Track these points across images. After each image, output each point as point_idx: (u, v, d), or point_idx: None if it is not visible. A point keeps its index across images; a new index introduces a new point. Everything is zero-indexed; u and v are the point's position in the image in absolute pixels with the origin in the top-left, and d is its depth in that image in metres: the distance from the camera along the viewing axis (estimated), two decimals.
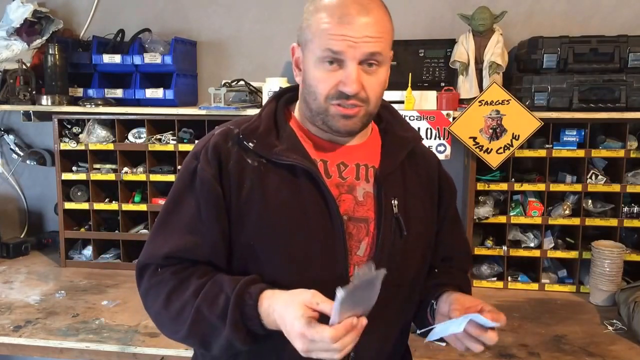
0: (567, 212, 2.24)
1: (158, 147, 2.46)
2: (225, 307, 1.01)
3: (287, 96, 1.21)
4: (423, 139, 2.19)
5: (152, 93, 2.48)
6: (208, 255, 1.10)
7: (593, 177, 2.20)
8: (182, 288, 1.07)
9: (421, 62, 2.39)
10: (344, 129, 1.08)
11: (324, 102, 1.07)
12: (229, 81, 2.45)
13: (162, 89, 2.47)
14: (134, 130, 2.51)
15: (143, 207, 2.52)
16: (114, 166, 2.54)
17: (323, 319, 0.94)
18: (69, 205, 2.57)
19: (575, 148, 2.19)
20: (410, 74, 2.25)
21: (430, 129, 2.21)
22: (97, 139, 2.49)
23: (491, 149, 2.17)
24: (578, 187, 2.21)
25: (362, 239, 1.13)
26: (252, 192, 1.08)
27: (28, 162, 2.85)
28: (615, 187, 2.19)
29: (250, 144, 1.11)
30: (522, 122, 2.13)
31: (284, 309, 0.97)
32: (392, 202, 1.14)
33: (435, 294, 1.21)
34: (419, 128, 2.21)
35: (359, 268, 1.11)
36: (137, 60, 2.47)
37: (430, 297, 1.22)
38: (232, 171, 1.09)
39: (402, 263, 1.15)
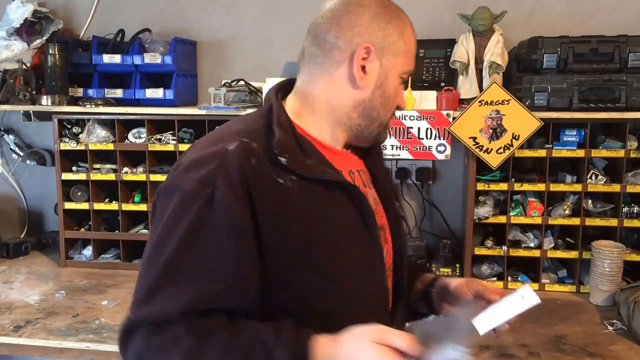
0: (567, 212, 2.24)
1: (158, 147, 2.46)
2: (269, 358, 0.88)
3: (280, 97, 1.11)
4: (422, 138, 2.21)
5: (152, 93, 2.48)
6: (239, 300, 0.93)
7: (593, 177, 2.20)
8: (205, 347, 0.89)
9: (421, 62, 2.39)
10: (385, 139, 1.14)
11: (393, 114, 1.09)
12: (229, 81, 2.45)
13: (162, 89, 2.47)
14: (134, 130, 2.51)
15: (143, 207, 2.52)
16: (114, 166, 2.54)
17: None
18: (69, 205, 2.57)
19: (575, 148, 2.19)
20: None
21: (430, 129, 2.21)
22: (97, 139, 2.49)
23: (491, 149, 2.17)
24: (578, 187, 2.20)
25: (384, 246, 1.10)
26: (289, 216, 0.95)
27: (28, 162, 2.85)
28: (615, 187, 2.19)
29: (282, 159, 0.96)
30: (522, 122, 2.13)
31: (356, 355, 0.87)
32: (396, 204, 1.14)
33: (420, 280, 1.23)
34: (419, 128, 2.21)
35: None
36: (137, 60, 2.47)
37: (417, 284, 1.22)
38: (264, 194, 0.94)
39: (406, 262, 1.17)
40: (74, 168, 2.60)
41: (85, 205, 2.56)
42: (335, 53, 1.02)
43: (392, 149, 2.25)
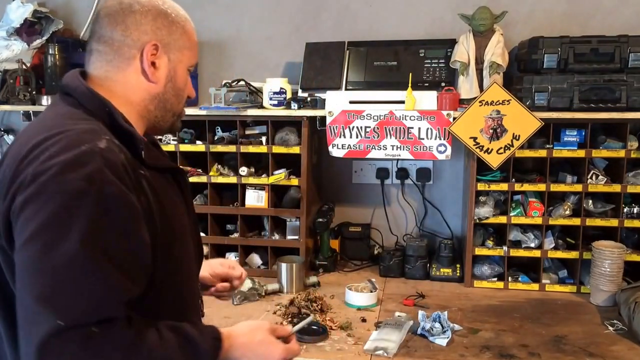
0: (567, 212, 2.23)
1: None
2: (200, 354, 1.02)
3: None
4: (423, 138, 2.21)
5: None
6: (144, 285, 0.99)
7: (593, 177, 2.20)
8: (141, 345, 0.93)
9: (421, 62, 2.39)
10: (179, 129, 1.27)
11: (184, 105, 1.20)
12: (229, 81, 2.45)
13: None
14: None
15: None
16: None
17: None
18: None
19: (575, 148, 2.19)
20: (410, 74, 2.24)
21: (431, 129, 2.20)
22: None
23: (491, 149, 2.17)
24: (578, 188, 2.20)
25: None
26: (156, 202, 1.04)
27: None
28: (616, 188, 2.18)
29: (143, 153, 1.06)
30: (523, 122, 2.13)
31: (258, 346, 1.12)
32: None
33: None
34: (419, 128, 2.21)
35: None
36: None
37: None
38: (139, 185, 1.01)
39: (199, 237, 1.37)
40: None
41: None
42: (124, 50, 1.09)
43: (392, 149, 2.25)
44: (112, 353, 0.89)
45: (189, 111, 2.41)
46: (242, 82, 2.45)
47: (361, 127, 2.25)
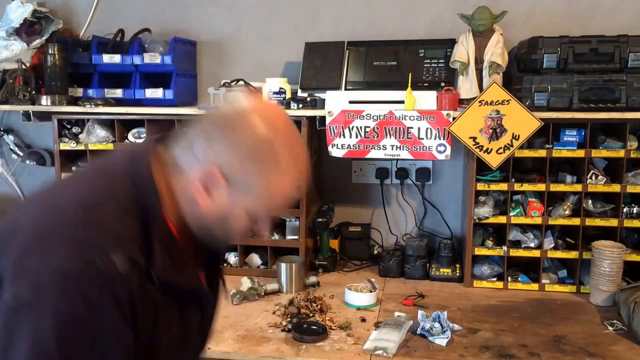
0: (567, 212, 2.23)
1: None
2: None
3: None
4: (422, 138, 2.20)
5: (151, 93, 2.48)
6: None
7: (593, 177, 2.20)
8: None
9: (421, 62, 2.39)
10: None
11: (233, 235, 1.04)
12: (229, 81, 2.45)
13: (161, 88, 2.47)
14: (134, 130, 2.51)
15: None
16: None
17: None
18: None
19: (575, 148, 2.19)
20: (410, 74, 2.24)
21: (430, 129, 2.20)
22: (96, 139, 2.49)
23: (491, 149, 2.17)
24: (578, 187, 2.20)
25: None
26: (156, 327, 0.96)
27: (27, 162, 2.85)
28: (616, 187, 2.18)
29: (157, 280, 0.93)
30: (522, 122, 2.13)
31: None
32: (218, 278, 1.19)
33: None
34: (419, 128, 2.21)
35: None
36: (136, 60, 2.47)
37: None
38: (144, 313, 0.93)
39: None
40: (73, 168, 2.58)
41: None
42: (192, 160, 0.96)
43: (392, 149, 2.25)
44: None
45: (188, 111, 2.41)
46: (241, 82, 2.45)
47: (361, 127, 2.25)
